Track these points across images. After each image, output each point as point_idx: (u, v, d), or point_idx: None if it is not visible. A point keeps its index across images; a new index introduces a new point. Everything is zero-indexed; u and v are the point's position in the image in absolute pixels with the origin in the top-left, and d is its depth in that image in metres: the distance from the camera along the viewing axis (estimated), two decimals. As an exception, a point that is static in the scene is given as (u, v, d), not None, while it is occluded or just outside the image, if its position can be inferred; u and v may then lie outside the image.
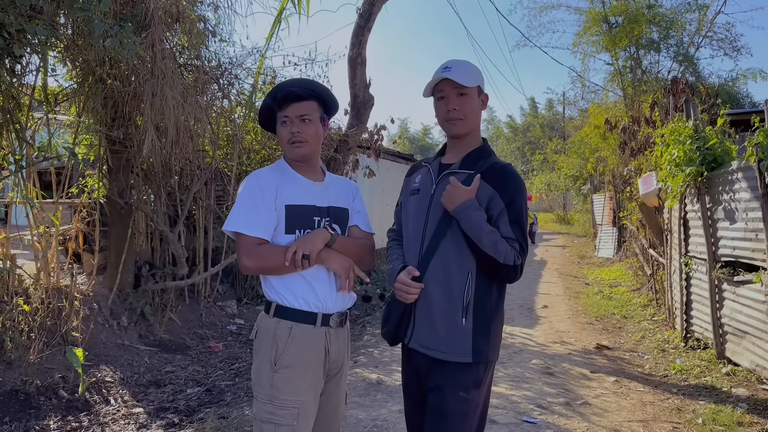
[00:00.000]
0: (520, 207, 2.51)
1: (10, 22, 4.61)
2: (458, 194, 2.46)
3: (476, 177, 2.51)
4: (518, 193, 2.52)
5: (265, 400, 2.45)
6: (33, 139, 6.59)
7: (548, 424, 5.05)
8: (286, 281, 2.51)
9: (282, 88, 2.62)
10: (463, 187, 2.48)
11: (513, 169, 2.62)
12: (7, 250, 6.27)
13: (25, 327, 5.92)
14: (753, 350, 6.12)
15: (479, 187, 2.50)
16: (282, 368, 2.45)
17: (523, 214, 2.51)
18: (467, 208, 2.44)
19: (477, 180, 2.50)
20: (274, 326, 2.50)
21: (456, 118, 2.59)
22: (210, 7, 7.86)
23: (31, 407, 5.16)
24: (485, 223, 2.44)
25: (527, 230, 2.54)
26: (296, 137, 2.58)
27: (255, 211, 2.49)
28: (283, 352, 2.46)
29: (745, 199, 6.08)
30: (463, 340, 2.46)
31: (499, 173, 2.54)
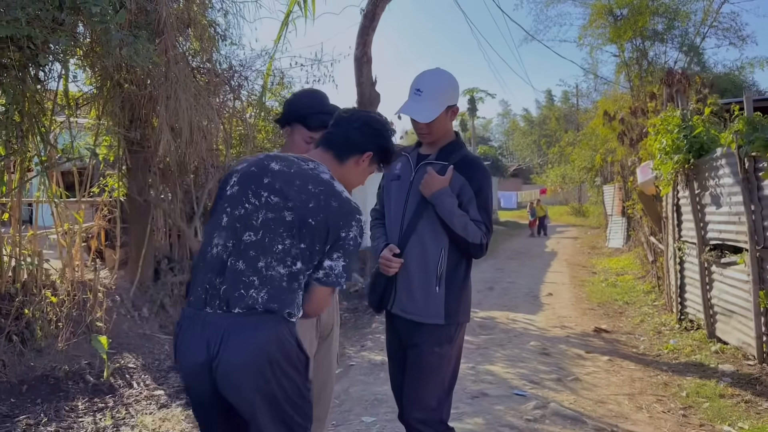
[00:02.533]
0: (487, 194, 2.95)
1: (36, 34, 5.03)
2: (434, 183, 2.87)
3: (450, 168, 2.92)
4: (485, 182, 2.97)
5: None
6: (56, 141, 7.00)
7: (537, 396, 5.41)
8: None
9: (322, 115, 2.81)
10: (439, 176, 2.89)
11: (481, 161, 3.08)
12: (34, 247, 6.69)
13: (53, 317, 6.31)
14: (739, 328, 6.43)
15: (452, 176, 2.90)
16: None
17: (489, 200, 2.96)
18: (441, 194, 2.85)
19: (450, 170, 2.90)
20: None
21: (425, 135, 3.02)
22: (220, 12, 8.27)
23: (61, 390, 5.55)
24: (456, 208, 2.86)
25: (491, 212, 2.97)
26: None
27: None
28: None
29: (729, 184, 6.39)
30: (437, 305, 2.89)
31: (469, 165, 2.97)
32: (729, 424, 4.82)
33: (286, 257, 2.20)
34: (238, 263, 2.20)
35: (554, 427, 4.69)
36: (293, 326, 2.23)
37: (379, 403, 5.16)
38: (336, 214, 2.23)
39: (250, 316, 2.15)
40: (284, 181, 2.27)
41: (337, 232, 2.23)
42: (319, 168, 2.35)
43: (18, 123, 5.95)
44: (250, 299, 2.16)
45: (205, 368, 2.14)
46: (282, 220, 2.22)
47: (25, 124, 6.07)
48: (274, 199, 2.24)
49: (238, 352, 2.11)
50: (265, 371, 2.12)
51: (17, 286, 6.12)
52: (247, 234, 2.23)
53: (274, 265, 2.20)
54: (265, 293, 2.17)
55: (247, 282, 2.18)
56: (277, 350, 2.15)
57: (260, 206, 2.25)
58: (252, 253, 2.20)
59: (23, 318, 5.91)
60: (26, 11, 4.91)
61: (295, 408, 2.21)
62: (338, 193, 2.28)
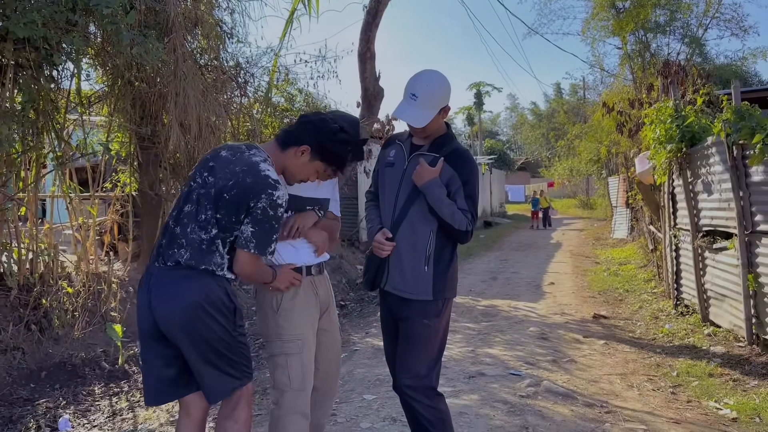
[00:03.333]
0: (474, 185, 3.22)
1: (51, 35, 5.30)
2: (425, 173, 3.13)
3: (440, 160, 3.17)
4: (472, 174, 3.23)
5: (274, 338, 3.06)
6: (70, 138, 7.23)
7: (531, 375, 5.65)
8: (278, 249, 3.12)
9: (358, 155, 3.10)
10: (430, 167, 3.14)
11: (469, 154, 3.32)
12: (50, 240, 6.95)
13: (69, 307, 6.56)
14: (731, 312, 6.64)
15: (442, 168, 3.15)
16: (283, 310, 3.06)
17: (476, 191, 3.23)
18: (432, 184, 3.11)
19: (440, 162, 3.16)
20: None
21: (419, 133, 3.26)
22: (226, 11, 8.51)
23: (78, 376, 5.81)
24: (445, 197, 3.12)
25: (477, 202, 3.23)
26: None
27: None
28: (283, 297, 3.07)
29: (719, 171, 6.59)
30: (426, 282, 3.15)
31: (459, 157, 3.21)
32: (715, 401, 5.04)
33: (206, 225, 2.70)
34: (176, 228, 2.75)
35: (546, 402, 4.93)
36: (221, 279, 2.74)
37: (381, 383, 5.41)
38: (247, 188, 2.66)
39: (177, 269, 2.71)
40: (222, 164, 2.76)
41: (247, 203, 2.66)
42: (256, 154, 2.81)
43: (33, 120, 6.21)
44: (178, 256, 2.71)
45: (146, 307, 2.74)
46: (208, 195, 2.72)
47: (40, 121, 6.33)
48: (210, 179, 2.75)
49: (164, 296, 2.69)
50: (188, 312, 2.65)
51: (35, 278, 6.37)
52: (187, 206, 2.77)
53: (196, 230, 2.71)
54: (187, 252, 2.70)
55: (178, 242, 2.72)
56: (200, 296, 2.67)
57: (200, 185, 2.77)
58: (185, 221, 2.74)
59: (41, 308, 6.16)
60: (42, 13, 5.18)
61: (221, 349, 2.74)
62: (257, 172, 2.70)
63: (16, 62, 5.77)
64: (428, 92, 3.15)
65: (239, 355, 2.80)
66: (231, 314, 2.75)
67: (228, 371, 2.77)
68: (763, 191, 5.88)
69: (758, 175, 5.89)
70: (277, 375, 3.04)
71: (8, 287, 6.09)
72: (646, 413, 4.78)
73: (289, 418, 3.00)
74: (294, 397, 3.01)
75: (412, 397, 3.13)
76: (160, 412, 4.96)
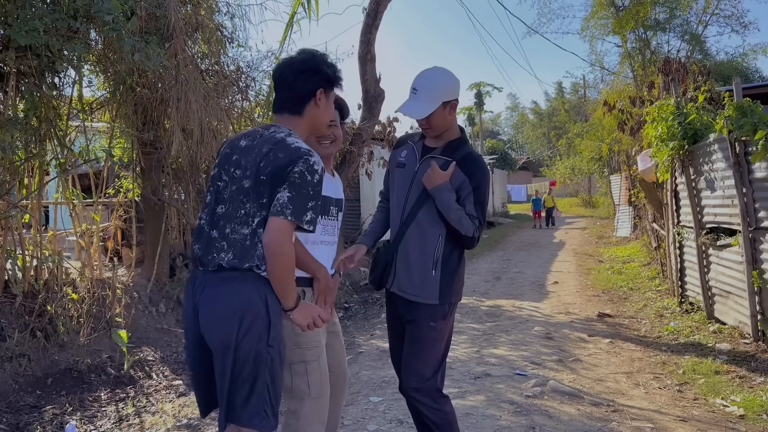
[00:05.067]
0: (484, 191, 3.22)
1: (53, 43, 5.31)
2: (436, 177, 3.12)
3: (452, 164, 3.16)
4: (483, 180, 3.22)
5: (292, 346, 3.00)
6: (72, 145, 7.23)
7: (537, 375, 5.65)
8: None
9: None
10: (441, 171, 3.13)
11: (482, 159, 3.33)
12: (54, 246, 6.96)
13: (74, 313, 6.56)
14: (736, 308, 6.63)
15: (453, 172, 3.14)
16: None
17: (486, 197, 3.23)
18: (442, 189, 3.11)
19: (452, 167, 3.15)
20: None
21: (427, 130, 3.26)
22: (227, 15, 8.51)
23: (84, 383, 5.81)
24: (454, 202, 3.12)
25: (486, 209, 3.23)
26: (327, 138, 3.15)
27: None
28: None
29: (722, 168, 6.59)
30: (433, 286, 3.16)
31: (471, 163, 3.21)
32: (722, 398, 5.04)
33: (247, 219, 2.52)
34: (212, 232, 2.59)
35: (552, 402, 4.93)
36: (262, 284, 2.52)
37: (387, 385, 5.41)
38: (282, 161, 2.48)
39: (220, 272, 2.52)
40: (246, 153, 2.59)
41: (284, 172, 2.47)
42: (277, 131, 2.62)
43: (36, 128, 6.22)
44: (219, 260, 2.53)
45: (192, 313, 2.59)
46: (242, 189, 2.54)
47: (42, 128, 6.34)
48: (238, 172, 2.57)
49: (208, 299, 2.53)
50: (228, 321, 2.48)
51: (40, 284, 6.38)
52: (219, 207, 2.60)
53: (237, 229, 2.54)
54: (229, 253, 2.52)
55: (218, 246, 2.55)
56: (240, 303, 2.49)
57: (229, 181, 2.60)
58: (221, 223, 2.57)
59: (46, 314, 6.16)
60: (43, 21, 5.19)
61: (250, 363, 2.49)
62: (287, 146, 2.53)
63: (18, 70, 5.78)
64: (427, 85, 3.17)
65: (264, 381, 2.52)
66: (266, 329, 2.51)
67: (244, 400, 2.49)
68: (767, 187, 5.87)
69: (761, 172, 5.89)
70: (296, 383, 2.98)
71: (13, 294, 6.10)
72: (652, 411, 4.77)
73: (309, 429, 2.94)
74: (314, 405, 2.97)
75: (417, 400, 3.14)
76: (167, 417, 4.96)
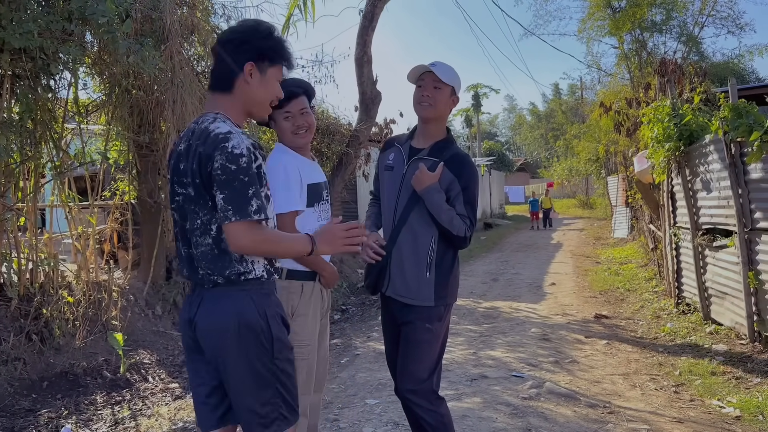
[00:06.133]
0: (474, 190, 3.21)
1: (48, 45, 5.30)
2: (424, 179, 3.11)
3: (440, 165, 3.15)
4: (472, 180, 3.21)
5: None
6: (68, 147, 7.22)
7: (534, 377, 5.65)
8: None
9: (284, 89, 2.89)
10: (429, 173, 3.12)
11: (470, 159, 3.31)
12: (50, 249, 6.94)
13: (70, 317, 6.54)
14: (732, 309, 6.63)
15: (442, 172, 3.13)
16: (298, 316, 3.06)
17: (475, 197, 3.21)
18: (431, 190, 3.10)
19: (440, 167, 3.14)
20: (287, 286, 3.09)
21: (427, 103, 3.21)
22: (223, 18, 8.51)
23: (80, 386, 5.80)
24: (444, 203, 3.11)
25: (476, 208, 3.22)
26: (302, 128, 3.16)
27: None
28: (299, 304, 3.08)
29: (717, 169, 6.60)
30: (428, 288, 3.15)
31: (459, 163, 3.20)
32: (718, 399, 5.04)
33: (205, 227, 2.35)
34: (190, 250, 2.41)
35: (548, 404, 4.93)
36: (254, 292, 2.39)
37: (383, 387, 5.40)
38: (204, 157, 2.27)
39: (212, 289, 2.37)
40: (185, 158, 2.37)
41: (208, 171, 2.26)
42: (204, 120, 2.39)
43: (31, 130, 6.21)
44: (203, 276, 2.37)
45: (187, 323, 2.44)
46: (189, 198, 2.36)
47: (38, 131, 6.33)
48: (185, 180, 2.36)
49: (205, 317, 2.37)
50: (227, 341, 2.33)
51: (35, 287, 6.36)
52: (186, 223, 2.41)
53: (201, 242, 2.36)
54: (206, 268, 2.36)
55: (195, 263, 2.39)
56: (233, 319, 2.33)
57: (185, 194, 2.38)
58: (192, 239, 2.39)
59: (42, 318, 6.15)
60: (38, 24, 5.18)
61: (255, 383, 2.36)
62: (206, 136, 2.29)
63: (13, 73, 5.77)
64: (444, 65, 3.20)
65: (275, 395, 2.39)
66: (269, 344, 2.36)
67: (258, 412, 2.37)
68: (762, 188, 5.88)
69: (757, 173, 5.89)
70: None
71: (8, 297, 6.08)
72: (649, 413, 4.77)
73: None
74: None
75: (413, 402, 3.13)
76: (163, 420, 4.95)
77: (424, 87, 3.21)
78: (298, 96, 3.15)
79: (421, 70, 3.21)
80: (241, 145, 2.24)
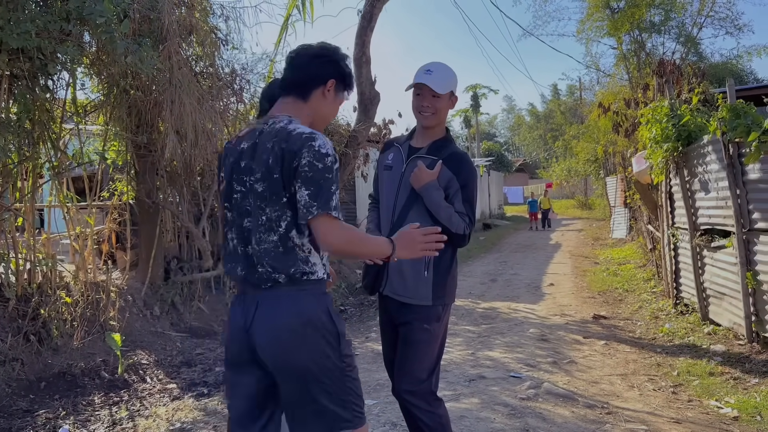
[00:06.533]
0: (472, 188, 3.20)
1: (45, 45, 5.30)
2: (423, 177, 3.11)
3: (438, 163, 3.16)
4: (471, 177, 3.21)
5: None
6: (66, 148, 7.22)
7: (532, 377, 5.65)
8: None
9: None
10: (428, 170, 3.13)
11: (468, 157, 3.32)
12: (48, 250, 6.93)
13: (68, 317, 6.53)
14: (730, 310, 6.64)
15: (440, 171, 3.14)
16: None
17: (474, 194, 3.21)
18: (430, 188, 3.11)
19: (439, 165, 3.15)
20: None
21: (428, 113, 3.22)
22: (221, 18, 8.50)
23: (77, 386, 5.79)
24: (443, 200, 3.11)
25: (475, 205, 3.22)
26: None
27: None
28: None
29: (715, 170, 6.60)
30: (426, 288, 3.14)
31: (457, 161, 3.20)
32: (716, 399, 5.04)
33: (271, 224, 2.36)
34: (247, 249, 2.41)
35: (546, 404, 4.93)
36: (318, 292, 2.41)
37: (381, 388, 5.40)
38: (287, 153, 2.31)
39: (274, 288, 2.36)
40: (251, 155, 2.43)
41: (293, 167, 2.30)
42: (276, 121, 2.45)
43: (29, 131, 6.20)
44: (267, 276, 2.35)
45: (242, 330, 2.39)
46: (258, 194, 2.38)
47: (36, 131, 6.32)
48: (251, 179, 2.41)
49: (265, 321, 2.35)
50: (292, 342, 2.32)
51: (33, 288, 6.35)
52: (246, 221, 2.43)
53: (265, 239, 2.37)
54: (268, 266, 2.35)
55: (258, 262, 2.37)
56: (298, 318, 2.33)
57: (246, 191, 2.42)
58: (252, 238, 2.40)
59: (39, 318, 6.14)
60: (35, 24, 5.17)
61: (326, 383, 2.35)
62: (288, 134, 2.35)
63: (10, 73, 5.77)
64: (442, 70, 3.20)
65: (347, 391, 2.40)
66: (335, 340, 2.38)
67: (333, 410, 2.35)
68: (760, 189, 5.88)
69: (755, 173, 5.90)
70: None
71: (6, 298, 6.07)
72: (647, 413, 4.77)
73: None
74: None
75: (411, 402, 3.12)
76: (160, 421, 4.94)
77: (423, 96, 3.21)
78: None
79: (417, 82, 3.20)
80: (326, 146, 2.32)
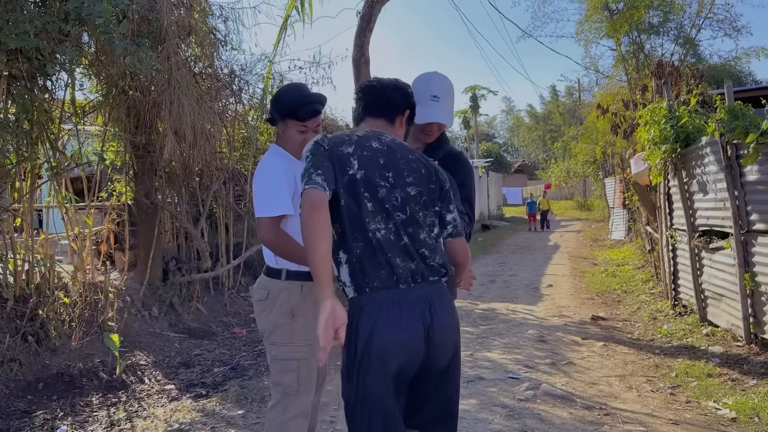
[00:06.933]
0: (471, 187, 3.20)
1: (44, 46, 5.29)
2: None
3: (434, 163, 3.14)
4: (468, 176, 3.21)
5: (285, 343, 3.09)
6: (64, 148, 7.21)
7: (530, 378, 5.65)
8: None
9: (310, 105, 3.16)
10: None
11: (465, 156, 3.33)
12: (46, 250, 6.93)
13: (66, 318, 6.53)
14: (728, 311, 6.64)
15: None
16: (299, 316, 3.10)
17: (472, 193, 3.21)
18: None
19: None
20: (287, 286, 3.13)
21: (433, 136, 3.24)
22: (220, 19, 8.50)
23: (75, 387, 5.77)
24: None
25: (474, 204, 3.22)
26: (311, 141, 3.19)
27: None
28: (299, 304, 3.10)
29: (714, 171, 6.61)
30: None
31: (453, 160, 3.20)
32: (714, 401, 5.04)
33: (431, 225, 2.54)
34: (404, 238, 2.44)
35: (545, 405, 4.93)
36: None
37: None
38: (437, 172, 2.63)
39: (437, 282, 2.48)
40: (391, 157, 2.55)
41: (443, 187, 2.63)
42: (393, 137, 2.66)
43: (28, 131, 6.19)
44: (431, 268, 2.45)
45: (423, 338, 2.37)
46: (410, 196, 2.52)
47: (34, 132, 6.31)
48: (395, 177, 2.52)
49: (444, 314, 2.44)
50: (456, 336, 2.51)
51: (31, 288, 6.34)
52: (397, 214, 2.46)
53: (430, 234, 2.51)
54: (438, 258, 2.49)
55: (421, 254, 2.45)
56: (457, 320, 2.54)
57: (391, 186, 2.49)
58: (410, 230, 2.46)
59: (38, 319, 6.12)
60: (34, 24, 5.17)
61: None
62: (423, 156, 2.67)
63: (9, 73, 5.76)
64: (447, 93, 3.20)
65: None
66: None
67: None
68: (758, 190, 5.89)
69: (753, 175, 5.90)
70: (285, 378, 3.09)
71: (4, 298, 6.06)
72: (645, 415, 4.77)
73: (293, 421, 3.08)
74: (300, 400, 3.09)
75: (408, 403, 3.12)
76: (158, 422, 4.94)
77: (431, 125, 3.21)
78: (318, 114, 3.21)
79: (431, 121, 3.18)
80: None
